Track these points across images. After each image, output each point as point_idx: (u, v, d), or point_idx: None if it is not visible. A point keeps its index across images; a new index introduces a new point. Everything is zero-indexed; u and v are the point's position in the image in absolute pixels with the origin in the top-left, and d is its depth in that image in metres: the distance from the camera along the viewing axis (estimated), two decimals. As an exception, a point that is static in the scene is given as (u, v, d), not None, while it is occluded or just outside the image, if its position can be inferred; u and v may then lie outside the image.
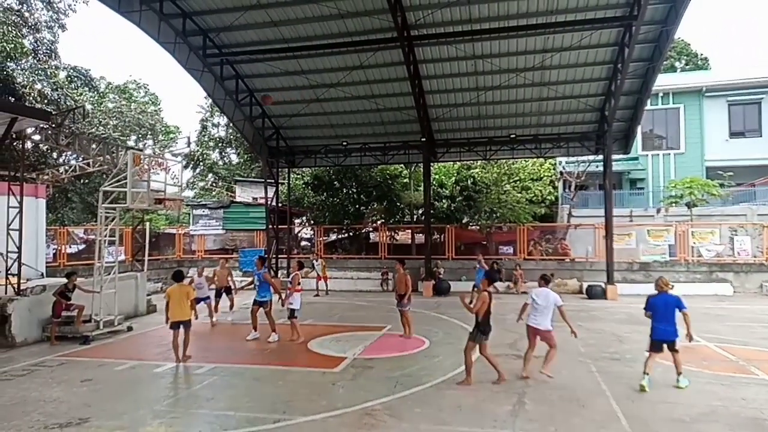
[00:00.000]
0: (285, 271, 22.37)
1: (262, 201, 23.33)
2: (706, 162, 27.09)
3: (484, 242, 23.00)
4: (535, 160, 24.70)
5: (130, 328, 12.51)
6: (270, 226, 21.84)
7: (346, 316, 14.76)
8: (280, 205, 22.87)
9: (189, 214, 27.63)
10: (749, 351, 9.85)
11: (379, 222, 27.02)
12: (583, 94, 18.44)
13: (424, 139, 20.02)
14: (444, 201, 25.64)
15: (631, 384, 7.78)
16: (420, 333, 11.58)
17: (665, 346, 7.66)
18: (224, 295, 14.15)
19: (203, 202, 28.07)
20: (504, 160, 24.45)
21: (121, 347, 10.86)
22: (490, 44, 16.69)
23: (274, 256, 21.75)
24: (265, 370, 8.84)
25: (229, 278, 14.41)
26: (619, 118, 18.78)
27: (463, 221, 24.82)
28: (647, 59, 16.62)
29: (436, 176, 26.69)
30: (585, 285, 18.60)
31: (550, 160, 26.06)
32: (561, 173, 27.36)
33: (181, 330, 9.34)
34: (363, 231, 26.62)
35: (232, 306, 14.29)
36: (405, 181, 27.30)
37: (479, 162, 24.57)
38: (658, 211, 24.71)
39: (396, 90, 19.00)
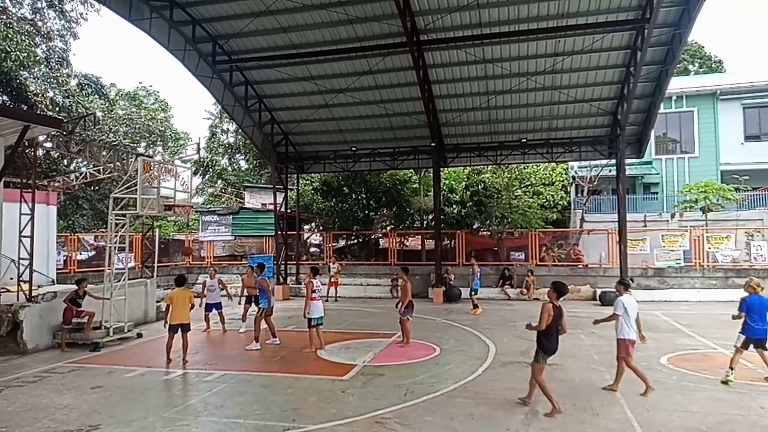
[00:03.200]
0: (294, 278, 22.36)
1: (271, 207, 23.36)
2: (721, 166, 26.71)
3: (496, 248, 22.80)
4: (546, 164, 24.46)
5: (139, 335, 12.51)
6: (279, 232, 21.84)
7: (356, 322, 14.67)
8: (289, 211, 22.88)
9: (198, 220, 27.73)
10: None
11: (388, 228, 26.94)
12: (595, 97, 18.26)
13: (433, 144, 19.94)
14: (454, 206, 25.49)
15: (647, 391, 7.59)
16: (431, 340, 11.46)
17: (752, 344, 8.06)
18: (254, 303, 13.43)
19: (212, 209, 28.18)
20: (515, 165, 24.24)
21: (131, 354, 10.85)
22: (500, 48, 16.59)
23: (283, 262, 21.72)
24: (275, 377, 8.77)
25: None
26: (632, 121, 18.57)
27: (474, 227, 24.63)
28: (660, 62, 16.42)
29: (446, 181, 26.56)
30: (598, 291, 18.34)
31: (562, 165, 25.80)
32: (573, 178, 27.10)
33: (179, 333, 9.72)
34: (372, 237, 26.54)
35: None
36: (415, 186, 27.21)
37: (490, 167, 24.39)
38: (673, 216, 24.38)
39: (405, 95, 18.95)
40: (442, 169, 22.25)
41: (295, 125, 21.15)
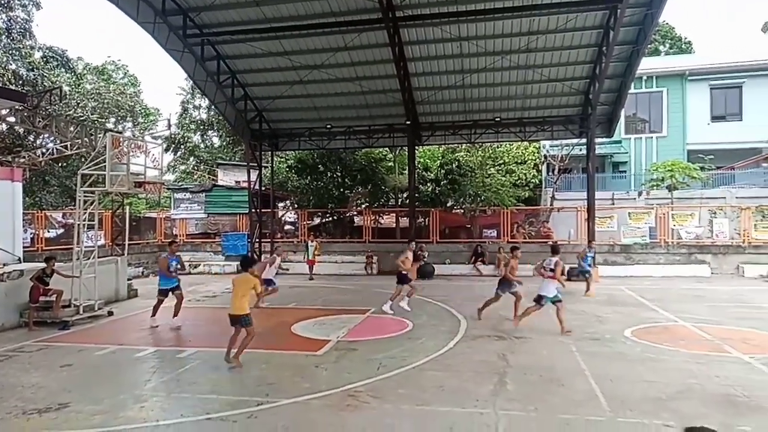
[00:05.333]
0: (269, 256, 22.32)
1: (245, 185, 23.12)
2: (688, 145, 27.38)
3: (469, 225, 23.10)
4: (519, 143, 24.75)
5: (110, 313, 12.37)
6: (253, 210, 21.66)
7: (330, 299, 14.76)
8: (263, 188, 22.68)
9: (170, 197, 27.28)
10: (724, 330, 10.04)
11: (363, 206, 26.98)
12: (568, 77, 18.44)
13: (409, 122, 19.92)
14: (429, 184, 25.64)
15: (610, 363, 7.91)
16: (404, 316, 11.63)
17: None
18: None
19: (184, 186, 27.73)
20: (489, 144, 24.47)
21: (102, 332, 10.74)
22: (475, 26, 16.56)
23: (257, 240, 21.61)
24: (249, 353, 8.76)
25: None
26: (603, 101, 18.84)
27: (448, 205, 24.88)
28: (632, 42, 16.62)
29: (421, 160, 26.67)
30: (567, 267, 18.75)
31: (534, 144, 26.14)
32: (545, 156, 27.49)
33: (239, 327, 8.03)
34: (347, 215, 26.56)
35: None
36: (390, 164, 27.24)
37: (464, 145, 24.55)
38: (640, 194, 25.01)
39: (381, 72, 18.81)
40: (417, 147, 22.27)
41: (269, 102, 20.83)
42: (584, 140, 19.78)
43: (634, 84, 23.97)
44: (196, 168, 40.03)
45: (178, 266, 11.28)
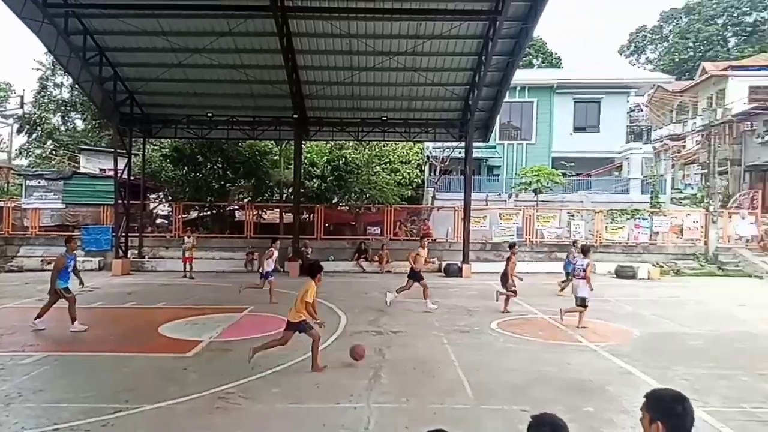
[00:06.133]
0: (136, 252, 20.74)
1: (112, 173, 21.17)
2: (553, 153, 29.99)
3: (353, 222, 23.30)
4: (404, 143, 25.44)
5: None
6: (120, 202, 19.89)
7: (205, 297, 14.05)
8: (132, 178, 20.93)
9: (21, 185, 24.21)
10: (577, 321, 11.09)
11: (245, 200, 26.05)
12: (450, 82, 19.27)
13: (296, 116, 19.56)
14: (315, 180, 25.43)
15: (477, 354, 8.38)
16: (283, 313, 11.36)
17: None
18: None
19: (39, 172, 24.74)
20: (375, 142, 24.85)
21: (-76, 337, 9.22)
22: (365, 24, 16.67)
23: (123, 234, 19.90)
24: (108, 357, 8.08)
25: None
26: (481, 108, 19.95)
27: (333, 201, 24.88)
28: (508, 54, 17.74)
29: (308, 155, 26.36)
30: (443, 264, 19.71)
31: (418, 144, 27.03)
32: (428, 157, 28.55)
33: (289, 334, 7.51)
34: (228, 209, 25.48)
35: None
36: (275, 158, 26.56)
37: (351, 142, 24.70)
38: (510, 196, 26.92)
39: (268, 62, 18.22)
40: (303, 142, 21.98)
41: (142, 84, 19.26)
42: (463, 144, 20.84)
43: (508, 93, 25.75)
44: (54, 153, 35.89)
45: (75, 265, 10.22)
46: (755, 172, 30.06)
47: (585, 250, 11.17)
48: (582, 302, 10.55)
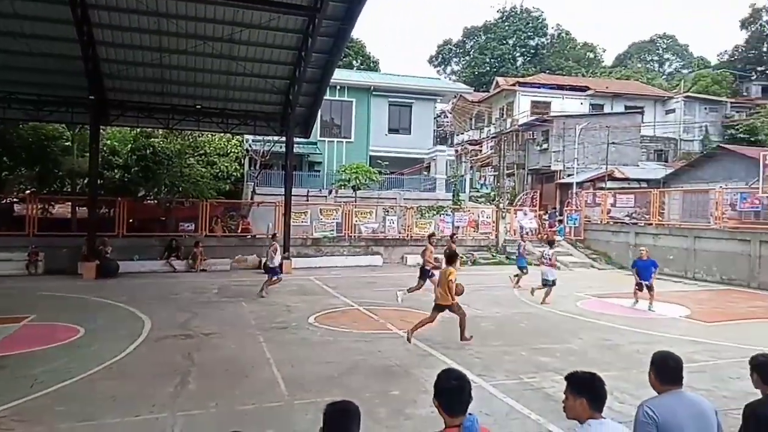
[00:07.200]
0: None
1: None
2: (370, 151, 31.41)
3: (163, 218, 21.48)
4: (222, 135, 24.26)
5: None
6: None
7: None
8: None
9: None
10: (388, 311, 11.82)
11: (27, 191, 22.29)
12: (270, 75, 18.87)
13: (92, 98, 17.27)
14: (116, 171, 22.90)
15: (293, 349, 8.39)
16: (75, 321, 10.01)
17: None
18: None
19: None
20: (189, 132, 23.26)
21: None
22: (176, 4, 15.37)
23: None
24: None
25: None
26: (301, 103, 19.93)
27: (140, 194, 22.63)
28: (328, 52, 17.95)
29: (108, 142, 23.63)
30: (264, 260, 19.29)
31: (237, 137, 26.03)
32: (247, 150, 27.71)
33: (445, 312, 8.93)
34: (5, 201, 21.57)
35: None
36: (66, 144, 23.20)
37: (161, 131, 22.74)
38: (330, 192, 27.53)
39: (58, 33, 15.68)
40: (103, 127, 19.57)
41: None
42: (284, 138, 20.63)
43: (330, 92, 26.26)
44: None
45: None
46: (535, 175, 35.38)
47: (550, 242, 14.67)
48: (552, 283, 13.11)
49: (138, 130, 23.03)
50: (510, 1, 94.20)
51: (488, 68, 65.42)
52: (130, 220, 20.00)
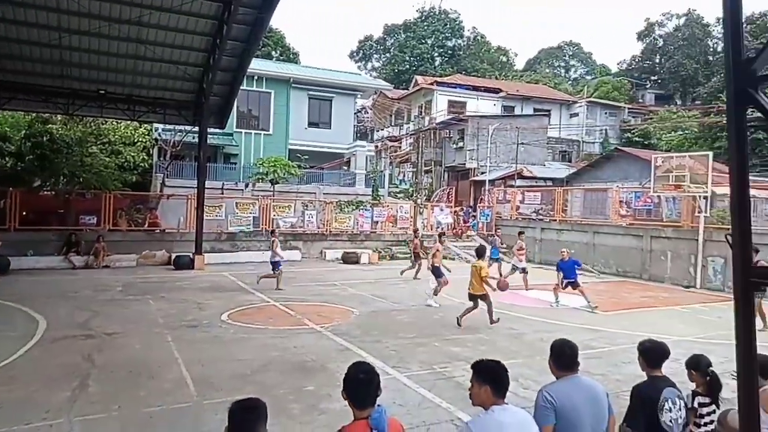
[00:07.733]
0: None
1: None
2: (290, 145, 30.84)
3: (61, 210, 19.87)
4: (128, 123, 22.81)
5: None
6: None
7: None
8: None
9: None
10: (305, 306, 11.75)
11: None
12: (182, 61, 17.99)
13: (-24, 77, 15.67)
14: (8, 159, 20.89)
15: (204, 348, 8.12)
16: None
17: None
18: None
19: None
20: (91, 118, 21.67)
21: None
22: (75, -19, 14.29)
23: None
24: None
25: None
26: (216, 93, 19.18)
27: (35, 185, 20.78)
28: (244, 41, 17.35)
29: (-3, 127, 21.51)
30: (173, 256, 18.47)
31: (146, 125, 24.57)
32: (157, 140, 26.30)
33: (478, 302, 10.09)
34: None
35: None
36: (-54, 127, 20.87)
37: (59, 117, 21.01)
38: (247, 185, 26.78)
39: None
40: (-10, 110, 17.77)
41: None
42: (197, 128, 19.79)
43: (247, 82, 25.50)
44: None
45: None
46: (451, 172, 36.49)
47: (519, 234, 16.01)
48: (522, 270, 15.03)
49: (33, 115, 21.13)
50: (429, 1, 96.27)
51: (408, 66, 66.47)
52: (24, 213, 18.33)
